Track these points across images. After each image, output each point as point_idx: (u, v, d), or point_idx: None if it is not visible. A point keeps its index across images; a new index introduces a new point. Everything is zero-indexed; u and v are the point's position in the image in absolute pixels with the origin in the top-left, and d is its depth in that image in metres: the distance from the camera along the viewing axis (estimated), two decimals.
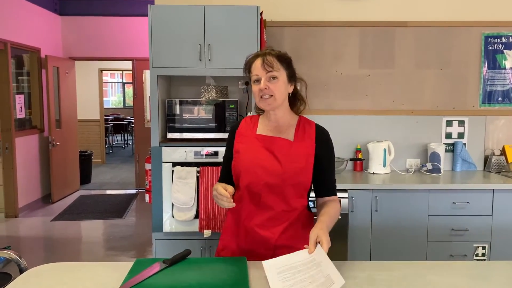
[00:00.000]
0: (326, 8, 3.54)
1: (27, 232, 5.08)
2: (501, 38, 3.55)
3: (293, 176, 1.64)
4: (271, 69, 1.63)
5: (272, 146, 1.68)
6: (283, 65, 1.68)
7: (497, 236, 3.07)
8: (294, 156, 1.66)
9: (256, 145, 1.70)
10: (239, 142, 1.74)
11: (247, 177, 1.67)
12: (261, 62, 1.65)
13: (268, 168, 1.65)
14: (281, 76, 1.66)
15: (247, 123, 1.79)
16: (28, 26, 5.95)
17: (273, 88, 1.64)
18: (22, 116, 5.91)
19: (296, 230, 1.70)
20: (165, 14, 2.98)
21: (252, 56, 1.72)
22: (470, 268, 1.60)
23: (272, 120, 1.73)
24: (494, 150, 3.62)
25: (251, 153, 1.68)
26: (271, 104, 1.66)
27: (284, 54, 1.71)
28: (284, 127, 1.73)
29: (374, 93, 3.60)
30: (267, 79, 1.64)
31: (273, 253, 1.66)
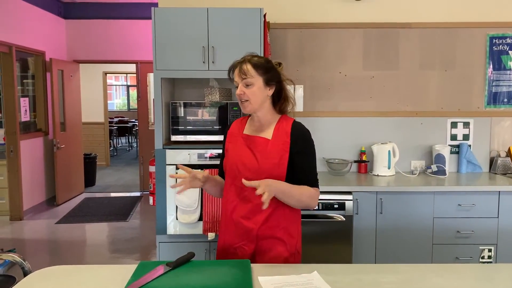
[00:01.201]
0: (330, 9, 3.53)
1: (31, 234, 5.09)
2: (506, 39, 3.53)
3: (267, 171, 1.75)
4: (245, 77, 1.77)
5: (251, 144, 1.83)
6: (259, 72, 1.79)
7: (504, 239, 3.05)
8: (269, 153, 1.79)
9: (241, 144, 1.86)
10: (229, 142, 1.91)
11: (232, 172, 1.83)
12: (238, 70, 1.80)
13: (247, 164, 1.79)
14: (256, 82, 1.78)
15: (237, 124, 1.95)
16: (32, 30, 5.98)
17: (248, 93, 1.78)
18: (27, 119, 5.93)
19: (278, 220, 1.80)
20: (169, 17, 2.98)
21: (233, 64, 1.86)
22: (476, 271, 1.59)
23: (255, 121, 1.87)
24: (499, 151, 3.59)
25: (236, 151, 1.84)
26: (247, 107, 1.80)
27: (260, 62, 1.80)
28: (265, 126, 1.86)
29: (378, 94, 3.58)
30: (243, 85, 1.78)
31: (255, 246, 1.78)
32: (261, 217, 1.78)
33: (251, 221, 1.79)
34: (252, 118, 1.91)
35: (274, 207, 1.78)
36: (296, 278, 1.47)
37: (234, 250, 1.81)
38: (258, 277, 1.48)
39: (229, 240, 1.83)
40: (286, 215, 1.82)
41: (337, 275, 1.51)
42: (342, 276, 1.50)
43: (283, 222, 1.81)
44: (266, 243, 1.79)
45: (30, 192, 5.86)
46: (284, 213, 1.81)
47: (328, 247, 2.99)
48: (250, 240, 1.79)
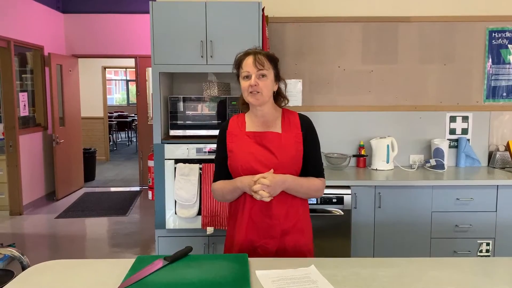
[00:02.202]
0: (328, 3, 3.52)
1: (31, 229, 5.10)
2: (506, 32, 3.52)
3: (286, 165, 1.75)
4: (262, 67, 1.74)
5: (264, 140, 1.78)
6: (272, 65, 1.80)
7: (501, 233, 3.05)
8: (285, 146, 1.77)
9: (248, 142, 1.79)
10: (231, 142, 1.82)
11: (246, 172, 1.75)
12: (252, 60, 1.75)
13: (263, 161, 1.75)
14: (269, 74, 1.77)
15: (235, 122, 1.88)
16: (31, 24, 5.96)
17: (262, 85, 1.74)
18: (25, 114, 5.93)
19: (297, 212, 1.81)
20: (167, 11, 2.97)
21: (243, 54, 1.83)
22: (473, 264, 1.60)
23: (259, 116, 1.83)
24: (498, 146, 3.59)
25: (245, 150, 1.78)
26: (259, 100, 1.76)
27: (273, 55, 1.84)
28: (271, 121, 1.83)
29: (377, 89, 3.58)
30: (257, 76, 1.74)
31: (279, 242, 1.77)
32: (282, 211, 1.77)
33: (273, 217, 1.76)
34: (252, 113, 1.86)
35: (291, 199, 1.79)
36: (293, 272, 1.47)
37: (255, 248, 1.77)
38: (256, 271, 1.48)
39: (250, 239, 1.78)
40: (302, 206, 1.84)
41: (334, 269, 1.51)
42: (339, 270, 1.50)
43: (301, 213, 1.83)
44: (289, 238, 1.78)
45: (29, 187, 5.87)
46: (299, 203, 1.82)
47: (327, 241, 2.99)
48: (274, 237, 1.76)
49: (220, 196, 1.88)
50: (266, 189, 1.65)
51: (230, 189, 1.80)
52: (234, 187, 1.78)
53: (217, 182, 1.87)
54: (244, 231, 1.79)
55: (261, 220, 1.77)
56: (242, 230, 1.79)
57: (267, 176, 1.67)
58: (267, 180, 1.65)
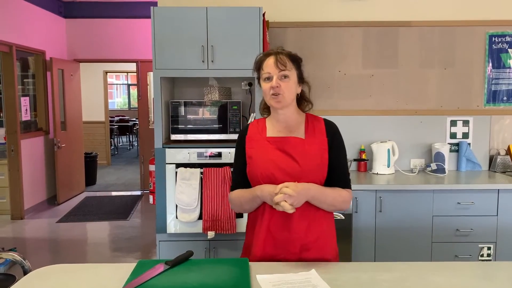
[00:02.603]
0: (329, 8, 3.53)
1: (32, 233, 5.10)
2: (506, 37, 3.53)
3: (310, 174, 1.63)
4: (284, 68, 1.65)
5: (286, 146, 1.67)
6: (295, 65, 1.71)
7: (503, 237, 3.05)
8: (309, 153, 1.66)
9: (269, 148, 1.68)
10: (251, 148, 1.72)
11: (266, 180, 1.65)
12: (274, 60, 1.66)
13: (285, 169, 1.64)
14: (292, 75, 1.68)
15: (254, 127, 1.78)
16: (33, 29, 5.99)
17: (284, 86, 1.65)
18: (27, 118, 5.94)
19: (320, 226, 1.68)
20: (168, 16, 2.99)
21: (263, 54, 1.73)
22: (474, 269, 1.60)
23: (281, 121, 1.73)
24: (499, 150, 3.60)
25: (265, 156, 1.67)
26: (281, 102, 1.66)
27: (296, 55, 1.74)
28: (294, 126, 1.73)
29: (378, 93, 3.58)
30: (279, 77, 1.65)
31: (298, 258, 1.64)
32: (302, 225, 1.64)
33: (292, 231, 1.63)
34: (274, 118, 1.75)
35: (314, 211, 1.66)
36: (294, 276, 1.47)
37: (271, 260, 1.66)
38: (256, 275, 1.48)
39: (267, 252, 1.65)
40: (326, 220, 1.70)
41: (335, 273, 1.51)
42: (340, 274, 1.50)
43: (325, 227, 1.69)
44: (309, 254, 1.64)
45: (31, 191, 5.88)
46: (322, 217, 1.69)
47: None
48: (293, 253, 1.64)
49: (237, 206, 1.76)
50: (288, 199, 1.52)
51: (249, 198, 1.68)
52: (253, 196, 1.66)
53: (235, 190, 1.76)
54: (262, 244, 1.66)
55: (280, 233, 1.64)
56: (259, 242, 1.67)
57: (289, 185, 1.54)
58: (290, 190, 1.52)
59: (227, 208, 2.97)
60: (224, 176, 2.98)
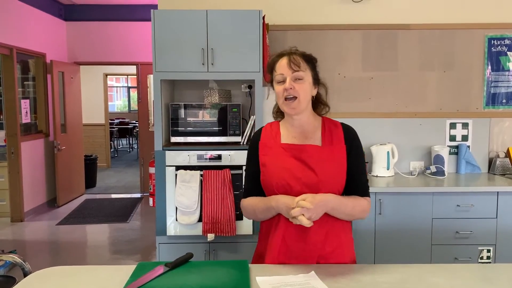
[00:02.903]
0: (328, 11, 3.55)
1: (32, 236, 5.10)
2: (505, 40, 3.54)
3: (328, 183, 1.57)
4: (297, 69, 1.57)
5: (302, 155, 1.59)
6: (309, 66, 1.62)
7: (502, 239, 3.05)
8: (327, 162, 1.58)
9: (284, 156, 1.61)
10: (265, 155, 1.64)
11: (281, 190, 1.58)
12: (287, 61, 1.58)
13: (301, 178, 1.57)
14: (307, 77, 1.60)
15: (268, 131, 1.69)
16: (33, 32, 6.00)
17: (298, 88, 1.57)
18: (27, 120, 5.95)
19: (337, 237, 1.63)
20: (168, 19, 3.00)
21: (276, 55, 1.64)
22: (474, 271, 1.60)
23: (296, 126, 1.65)
24: (498, 152, 3.60)
25: (280, 165, 1.59)
26: (295, 108, 1.58)
27: (310, 55, 1.66)
28: (310, 132, 1.65)
29: (377, 95, 3.59)
30: (292, 79, 1.57)
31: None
32: (320, 236, 1.58)
33: (309, 242, 1.58)
34: (288, 123, 1.67)
35: (332, 222, 1.60)
36: (293, 278, 1.48)
37: None
38: (256, 277, 1.49)
39: (281, 261, 1.60)
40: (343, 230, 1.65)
41: (334, 275, 1.51)
42: (340, 276, 1.51)
43: (343, 238, 1.64)
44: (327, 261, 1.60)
45: (30, 193, 5.88)
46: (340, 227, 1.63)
47: None
48: (312, 261, 1.59)
49: (251, 214, 1.70)
50: (306, 213, 1.44)
51: (264, 208, 1.61)
52: (268, 207, 1.59)
53: (248, 198, 1.70)
54: (276, 254, 1.60)
55: (296, 244, 1.58)
56: (273, 252, 1.61)
57: (306, 198, 1.47)
58: (308, 203, 1.44)
59: (227, 211, 2.98)
60: (224, 178, 2.99)
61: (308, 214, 1.45)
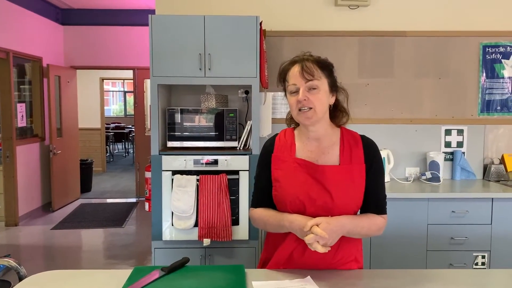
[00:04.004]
0: (325, 18, 3.57)
1: (27, 240, 5.07)
2: (499, 47, 3.58)
3: (344, 206, 1.49)
4: (311, 78, 1.45)
5: (318, 174, 1.50)
6: (325, 73, 1.50)
7: (497, 245, 3.07)
8: (344, 183, 1.49)
9: (299, 172, 1.51)
10: (278, 169, 1.55)
11: (294, 209, 1.51)
12: (299, 69, 1.46)
13: (316, 200, 1.48)
14: (322, 85, 1.48)
15: (282, 142, 1.59)
16: (30, 36, 6.00)
17: (313, 99, 1.45)
18: (23, 124, 5.93)
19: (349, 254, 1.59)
20: (166, 24, 3.01)
21: (288, 63, 1.53)
22: (469, 277, 1.61)
23: (312, 138, 1.55)
24: (493, 159, 3.63)
25: (295, 182, 1.50)
26: (311, 118, 1.47)
27: (326, 60, 1.54)
28: (327, 146, 1.55)
29: (373, 102, 3.61)
30: (306, 89, 1.46)
31: None
32: (331, 253, 1.51)
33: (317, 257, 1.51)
34: (303, 133, 1.56)
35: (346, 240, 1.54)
36: (289, 283, 1.48)
37: None
38: (252, 282, 1.49)
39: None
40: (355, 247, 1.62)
41: (330, 280, 1.52)
42: (335, 281, 1.51)
43: (354, 249, 1.60)
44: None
45: (25, 197, 5.85)
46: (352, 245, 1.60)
47: None
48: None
49: (261, 226, 1.62)
50: (321, 240, 1.37)
51: (276, 225, 1.53)
52: (280, 225, 1.51)
53: (259, 209, 1.61)
54: (282, 265, 1.58)
55: (304, 258, 1.55)
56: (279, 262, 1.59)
57: (321, 222, 1.38)
58: (321, 231, 1.36)
59: (223, 216, 2.98)
60: (220, 183, 2.99)
61: (323, 241, 1.38)
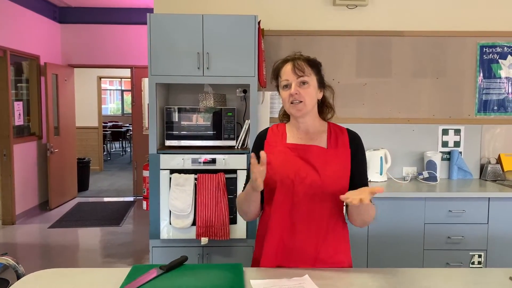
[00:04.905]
0: (323, 17, 3.58)
1: (24, 239, 5.06)
2: (496, 48, 3.59)
3: (331, 185, 1.59)
4: (302, 74, 1.61)
5: (307, 155, 1.62)
6: (314, 70, 1.67)
7: (493, 244, 3.08)
8: (331, 164, 1.61)
9: (289, 155, 1.63)
10: (270, 153, 1.62)
11: (283, 188, 1.61)
12: (291, 66, 1.63)
13: (305, 178, 1.59)
14: (311, 81, 1.64)
15: (274, 132, 1.73)
16: (27, 34, 5.98)
17: (303, 93, 1.61)
18: (20, 123, 5.92)
19: (336, 239, 1.66)
20: (164, 22, 3.01)
21: (281, 61, 1.69)
22: (464, 275, 1.62)
23: (301, 129, 1.68)
24: (490, 158, 3.64)
25: (286, 163, 1.60)
26: (301, 110, 1.62)
27: (314, 59, 1.71)
28: (315, 134, 1.68)
29: (371, 101, 3.62)
30: (297, 84, 1.61)
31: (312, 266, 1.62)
32: (319, 237, 1.62)
33: (308, 243, 1.62)
34: (294, 125, 1.70)
35: (333, 224, 1.65)
36: (287, 282, 1.49)
37: None
38: (250, 280, 1.50)
39: (282, 265, 1.63)
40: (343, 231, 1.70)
41: (327, 279, 1.53)
42: (333, 280, 1.52)
43: (342, 239, 1.68)
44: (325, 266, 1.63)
45: (22, 196, 5.84)
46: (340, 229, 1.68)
47: None
48: (308, 265, 1.62)
49: (239, 206, 1.73)
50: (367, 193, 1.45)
51: (243, 195, 1.64)
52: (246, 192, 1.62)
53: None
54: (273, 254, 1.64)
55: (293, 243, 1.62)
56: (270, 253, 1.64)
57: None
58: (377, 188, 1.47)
59: (220, 214, 2.98)
60: (218, 182, 2.99)
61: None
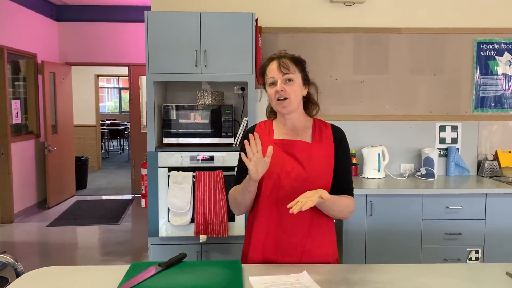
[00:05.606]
0: (321, 14, 3.58)
1: (22, 237, 5.06)
2: (493, 44, 3.60)
3: (316, 178, 1.64)
4: (287, 71, 1.66)
5: (292, 149, 1.68)
6: (298, 68, 1.71)
7: (490, 240, 3.10)
8: (315, 158, 1.66)
9: (276, 150, 1.65)
10: None
11: (270, 182, 1.66)
12: (277, 64, 1.67)
13: (290, 172, 1.65)
14: (296, 78, 1.69)
15: (261, 128, 1.78)
16: (24, 32, 5.97)
17: (289, 90, 1.66)
18: (18, 121, 5.91)
19: (320, 231, 1.69)
20: (162, 20, 3.01)
21: (267, 60, 1.73)
22: (462, 271, 1.63)
23: (288, 125, 1.74)
24: (487, 155, 3.66)
25: (272, 158, 1.60)
26: (287, 107, 1.67)
27: (299, 57, 1.74)
28: (301, 130, 1.74)
29: (369, 98, 3.63)
30: (283, 81, 1.66)
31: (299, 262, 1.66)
32: (305, 231, 1.66)
33: (294, 235, 1.66)
34: (281, 121, 1.76)
35: (318, 217, 1.67)
36: (286, 278, 1.50)
37: None
38: (249, 276, 1.50)
39: (270, 258, 1.67)
40: (328, 223, 1.72)
41: (326, 275, 1.54)
42: (331, 276, 1.53)
43: (327, 231, 1.71)
44: (311, 257, 1.66)
45: (21, 194, 5.83)
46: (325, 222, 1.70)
47: None
48: (295, 257, 1.66)
49: (232, 200, 1.75)
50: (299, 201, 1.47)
51: (240, 189, 1.66)
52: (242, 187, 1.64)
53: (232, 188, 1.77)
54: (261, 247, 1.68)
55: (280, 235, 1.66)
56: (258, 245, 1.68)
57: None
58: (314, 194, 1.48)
59: (219, 212, 2.99)
60: (216, 179, 3.00)
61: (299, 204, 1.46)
